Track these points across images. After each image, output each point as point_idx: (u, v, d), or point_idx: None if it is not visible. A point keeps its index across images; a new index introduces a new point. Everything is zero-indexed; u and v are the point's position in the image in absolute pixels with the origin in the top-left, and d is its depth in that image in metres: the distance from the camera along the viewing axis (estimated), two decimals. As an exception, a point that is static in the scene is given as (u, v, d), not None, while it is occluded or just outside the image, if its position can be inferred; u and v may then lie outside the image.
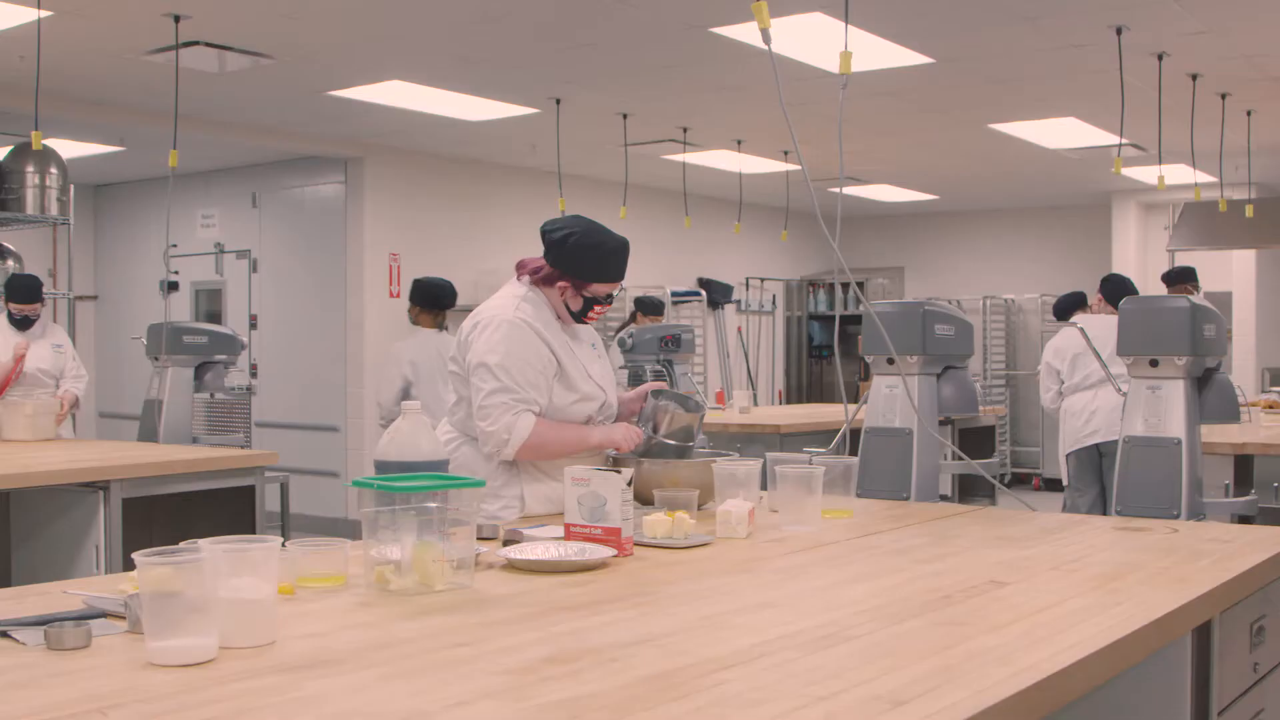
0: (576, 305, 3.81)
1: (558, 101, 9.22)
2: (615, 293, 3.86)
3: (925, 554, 3.02)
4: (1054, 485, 13.31)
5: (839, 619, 2.27)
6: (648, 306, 10.41)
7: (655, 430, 3.82)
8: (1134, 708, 2.42)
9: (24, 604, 2.38)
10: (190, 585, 1.97)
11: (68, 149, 10.36)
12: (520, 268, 3.91)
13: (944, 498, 4.77)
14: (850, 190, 13.66)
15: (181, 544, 2.09)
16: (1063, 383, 8.09)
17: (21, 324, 7.45)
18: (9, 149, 9.17)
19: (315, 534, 10.40)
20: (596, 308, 3.83)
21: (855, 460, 3.87)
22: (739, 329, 15.12)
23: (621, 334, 9.21)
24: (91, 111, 9.30)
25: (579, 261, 3.76)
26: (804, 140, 10.20)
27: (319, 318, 11.55)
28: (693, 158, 11.44)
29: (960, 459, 4.49)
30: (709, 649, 2.05)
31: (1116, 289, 7.96)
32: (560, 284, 3.78)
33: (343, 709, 1.72)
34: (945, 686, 1.82)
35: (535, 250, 3.87)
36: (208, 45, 7.51)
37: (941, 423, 4.73)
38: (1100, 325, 7.79)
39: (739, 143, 11.00)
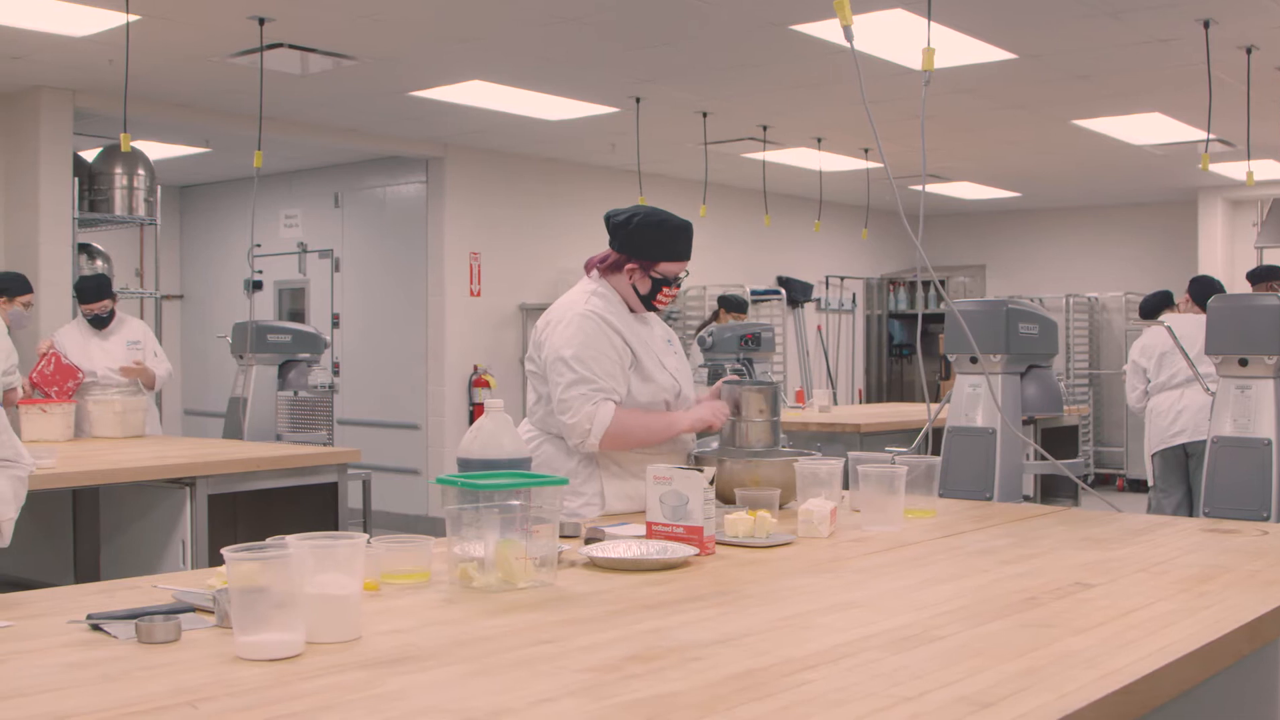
0: (645, 287, 3.81)
1: (637, 100, 9.23)
2: (683, 275, 3.86)
3: (1009, 555, 2.99)
4: (1138, 486, 13.14)
5: (923, 619, 2.25)
6: (731, 304, 10.40)
7: (731, 412, 3.83)
8: (1223, 713, 2.38)
9: (115, 598, 2.42)
10: (277, 581, 1.99)
11: (155, 151, 10.51)
12: (588, 265, 3.93)
13: (1026, 498, 4.72)
14: (931, 188, 13.56)
15: (268, 540, 2.11)
16: (1149, 382, 7.98)
17: (96, 324, 7.54)
18: (98, 151, 9.32)
19: (396, 531, 10.47)
20: (665, 290, 3.83)
21: (938, 460, 3.84)
22: (819, 327, 15.06)
23: (701, 333, 9.21)
24: (178, 114, 9.43)
25: (645, 241, 3.78)
26: (885, 138, 10.14)
27: (400, 316, 11.64)
28: (772, 156, 11.40)
29: (1044, 459, 4.44)
30: (792, 649, 2.04)
31: (1204, 289, 7.84)
32: (629, 267, 3.79)
33: (427, 705, 1.73)
34: (1031, 689, 1.80)
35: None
36: (291, 47, 7.59)
37: (1024, 422, 4.68)
38: (1188, 324, 7.68)
39: (819, 140, 10.95)
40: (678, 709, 1.70)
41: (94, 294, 7.50)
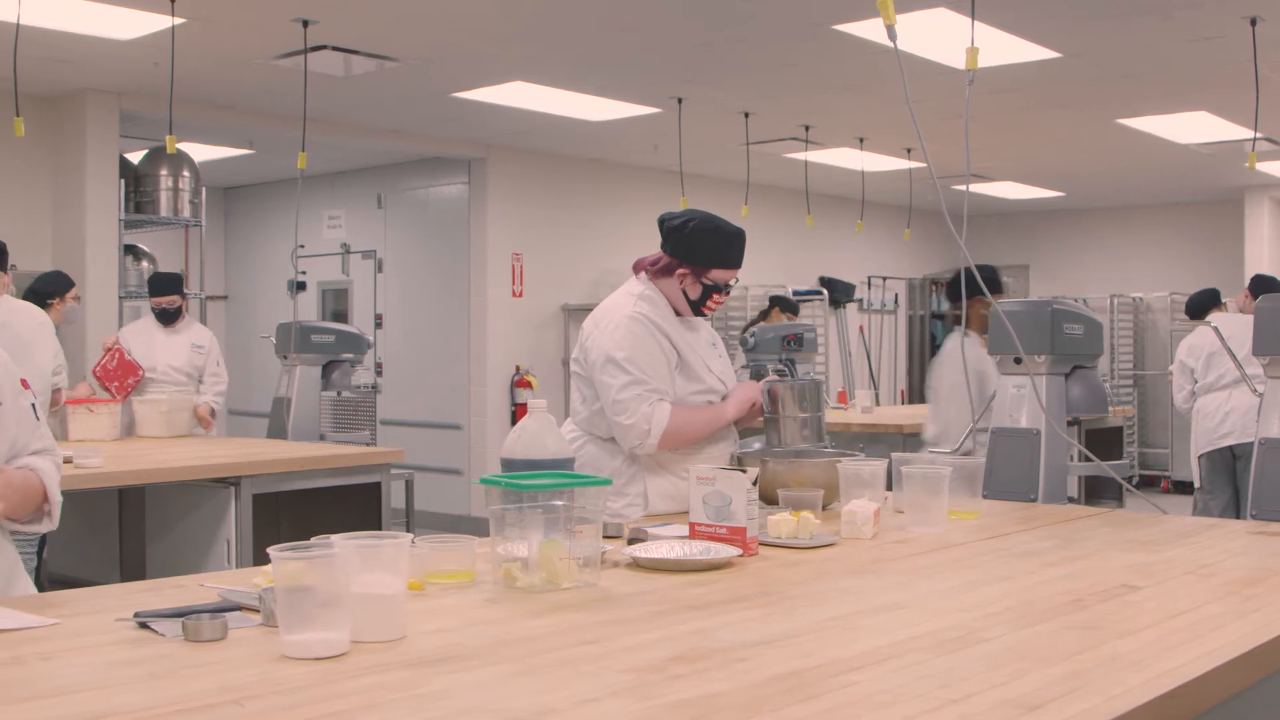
0: (695, 293, 3.81)
1: (680, 101, 9.23)
2: (732, 283, 3.86)
3: (1054, 556, 2.97)
4: (1183, 488, 13.04)
5: (968, 621, 2.24)
6: (785, 304, 10.39)
7: (774, 410, 3.83)
8: (1273, 718, 2.36)
9: (162, 596, 2.44)
10: (323, 580, 2.00)
11: (199, 153, 10.58)
12: (637, 266, 3.93)
13: (1070, 500, 4.68)
14: (975, 188, 13.49)
15: (313, 539, 2.12)
16: (1196, 382, 7.92)
17: (163, 319, 7.63)
18: (144, 153, 9.40)
19: (438, 531, 10.50)
20: (715, 296, 3.83)
21: (981, 461, 3.82)
22: (861, 328, 15.01)
23: (744, 334, 9.21)
24: (222, 116, 9.50)
25: (698, 247, 3.77)
26: (927, 137, 10.06)
27: (443, 317, 11.68)
28: (814, 156, 11.37)
29: (1088, 460, 4.41)
30: (837, 650, 2.04)
31: (1265, 287, 7.76)
32: (680, 271, 3.79)
33: (472, 704, 1.73)
34: (1078, 692, 1.79)
35: (657, 249, 3.89)
36: (335, 49, 7.62)
37: (1069, 423, 4.65)
38: (1236, 324, 7.61)
39: (861, 140, 10.92)
40: (723, 710, 1.70)
41: (164, 287, 7.63)
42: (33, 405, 2.82)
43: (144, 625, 2.18)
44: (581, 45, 7.68)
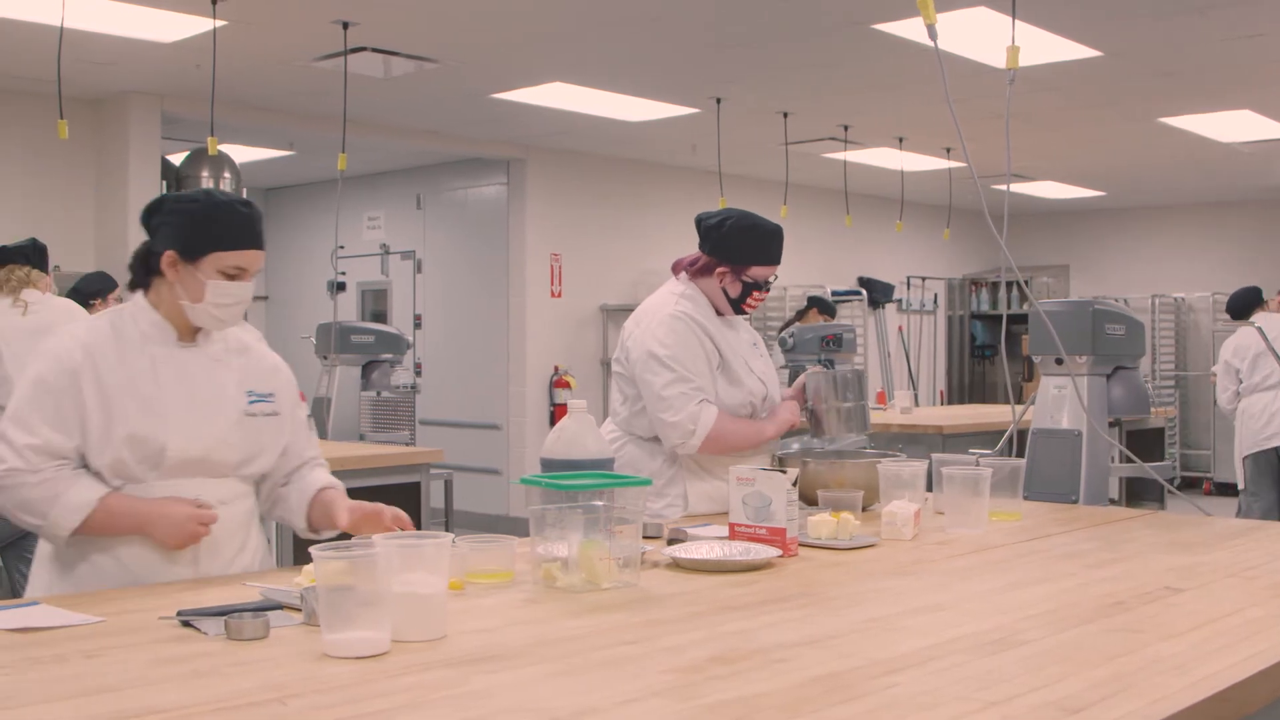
0: (735, 291, 3.81)
1: (718, 101, 9.22)
2: (772, 280, 3.86)
3: (1096, 559, 2.96)
4: (1226, 490, 12.94)
5: (1009, 623, 2.23)
6: (823, 306, 10.38)
7: (816, 401, 3.83)
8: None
9: (205, 595, 2.46)
10: (364, 580, 2.01)
11: (240, 154, 10.64)
12: (676, 266, 3.93)
13: (1111, 501, 4.66)
14: (1015, 187, 13.43)
15: (354, 539, 2.13)
16: (1241, 383, 7.86)
17: None
18: (185, 155, 9.46)
19: (477, 531, 10.52)
20: (755, 294, 3.82)
21: (1022, 462, 3.80)
22: (900, 328, 14.96)
23: (783, 334, 9.19)
24: (263, 117, 9.55)
25: (737, 244, 3.77)
26: (967, 136, 10.04)
27: (482, 317, 11.70)
28: (853, 156, 11.34)
29: (1130, 461, 4.38)
30: (877, 651, 2.03)
31: None
32: (719, 270, 3.79)
33: (512, 704, 1.74)
34: (1120, 695, 1.78)
35: (696, 250, 3.89)
36: (375, 51, 7.65)
37: (1110, 424, 4.62)
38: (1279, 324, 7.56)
39: (900, 140, 10.89)
40: (764, 710, 1.70)
41: None
42: (308, 416, 2.99)
43: (187, 623, 2.20)
44: (620, 46, 7.69)
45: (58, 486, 2.66)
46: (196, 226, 2.78)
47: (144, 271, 2.86)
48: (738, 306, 3.84)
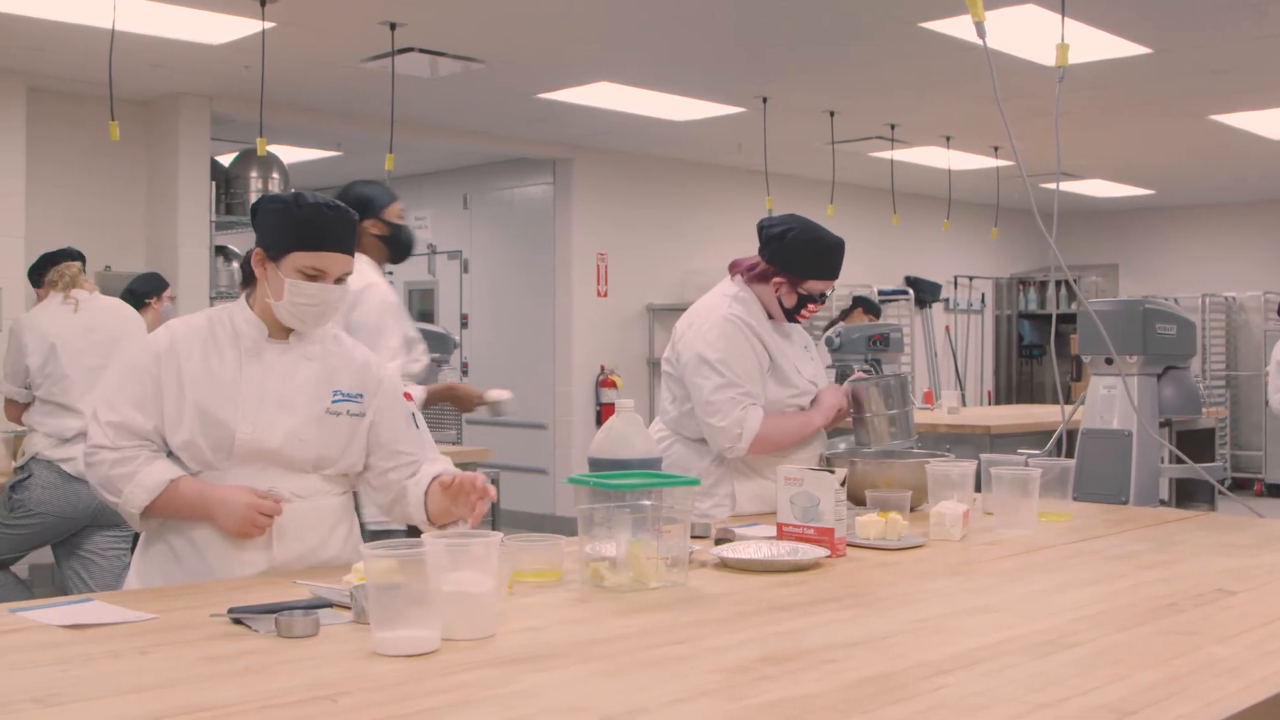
0: (790, 302, 3.80)
1: (764, 100, 9.20)
2: (829, 292, 3.85)
3: (1147, 560, 2.94)
4: (1277, 491, 12.81)
5: (1060, 625, 2.22)
6: (869, 306, 10.34)
7: (861, 410, 3.82)
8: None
9: (256, 593, 2.47)
10: (414, 578, 2.02)
11: (288, 154, 10.70)
12: (734, 267, 3.92)
13: (1161, 502, 4.61)
14: (1063, 186, 13.33)
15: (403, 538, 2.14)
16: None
17: None
18: (234, 155, 9.52)
19: (524, 530, 10.54)
20: (809, 306, 3.82)
21: (1071, 463, 3.78)
22: (947, 328, 14.89)
23: (829, 333, 9.16)
24: (310, 118, 9.60)
25: (797, 257, 3.76)
26: (1015, 135, 9.98)
27: (528, 317, 11.72)
28: (900, 155, 11.30)
29: (1181, 462, 4.34)
30: (927, 652, 2.02)
31: None
32: (776, 279, 3.78)
33: (562, 703, 1.74)
34: (1174, 698, 1.76)
35: (742, 249, 3.88)
36: (421, 51, 7.68)
37: (1160, 425, 4.58)
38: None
39: (948, 139, 10.83)
40: (814, 711, 1.69)
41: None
42: (413, 415, 3.05)
43: (238, 621, 2.21)
44: (666, 45, 7.68)
45: (134, 466, 2.77)
46: (280, 226, 2.84)
47: (248, 271, 2.92)
48: (791, 316, 3.84)
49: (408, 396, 3.02)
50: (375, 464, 2.97)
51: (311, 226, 2.81)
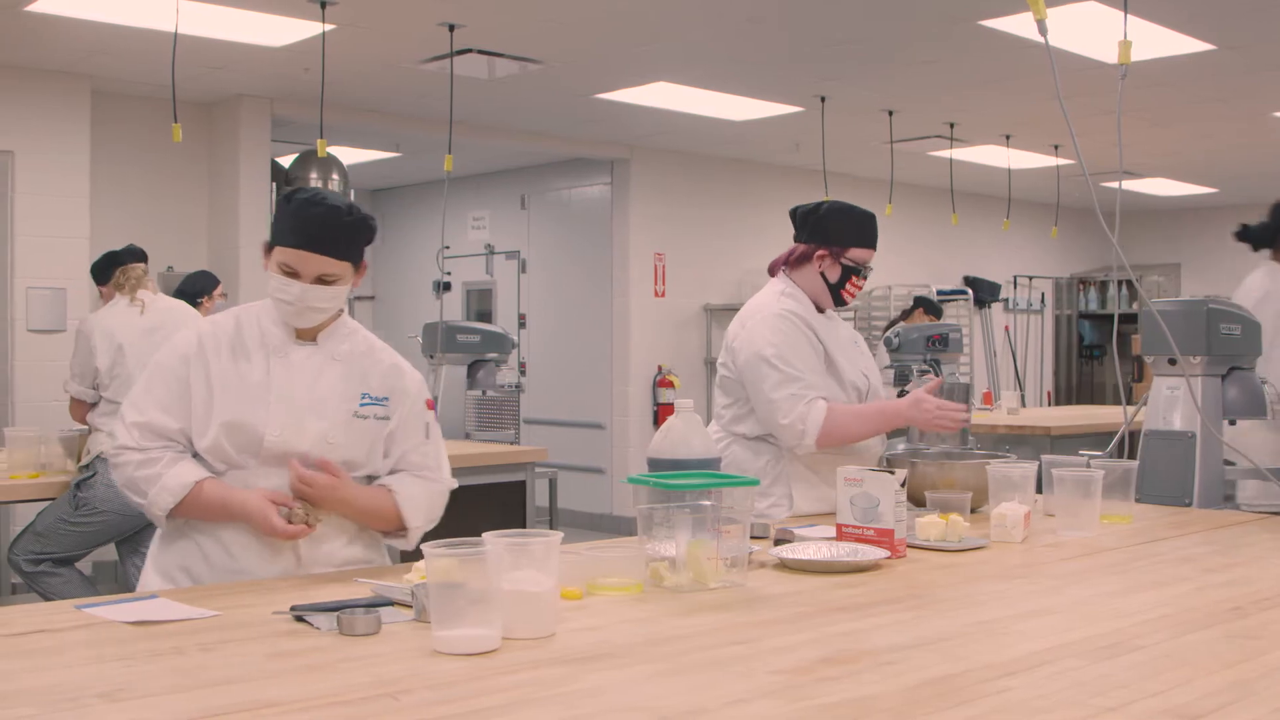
0: (835, 276, 3.79)
1: (822, 99, 9.17)
2: (870, 268, 3.84)
3: (1212, 563, 2.90)
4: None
5: (1123, 628, 2.20)
6: (930, 306, 10.29)
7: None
8: None
9: (317, 591, 2.49)
10: (474, 577, 2.03)
11: (348, 155, 10.78)
12: (773, 267, 3.93)
13: (1226, 497, 4.55)
14: (1125, 184, 13.21)
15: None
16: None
17: None
18: (294, 157, 9.60)
19: (581, 529, 10.58)
20: (854, 279, 3.80)
21: (1134, 464, 3.74)
22: (1006, 328, 14.79)
23: (888, 333, 9.12)
24: (370, 119, 9.66)
25: (834, 227, 3.78)
26: (1077, 133, 9.91)
27: (585, 317, 11.75)
28: (959, 153, 11.23)
29: (1249, 465, 4.28)
30: (989, 654, 2.01)
31: None
32: (819, 254, 3.78)
33: (623, 702, 1.74)
34: (1240, 702, 1.74)
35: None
36: (480, 52, 7.71)
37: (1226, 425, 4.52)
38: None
39: (1007, 138, 10.76)
40: (875, 713, 1.68)
41: None
42: (427, 424, 2.99)
43: (300, 618, 2.23)
44: (724, 45, 7.68)
45: (159, 468, 2.77)
46: (274, 221, 2.88)
47: None
48: (837, 293, 3.81)
49: (430, 404, 3.01)
50: (381, 469, 2.96)
51: (293, 222, 2.81)
